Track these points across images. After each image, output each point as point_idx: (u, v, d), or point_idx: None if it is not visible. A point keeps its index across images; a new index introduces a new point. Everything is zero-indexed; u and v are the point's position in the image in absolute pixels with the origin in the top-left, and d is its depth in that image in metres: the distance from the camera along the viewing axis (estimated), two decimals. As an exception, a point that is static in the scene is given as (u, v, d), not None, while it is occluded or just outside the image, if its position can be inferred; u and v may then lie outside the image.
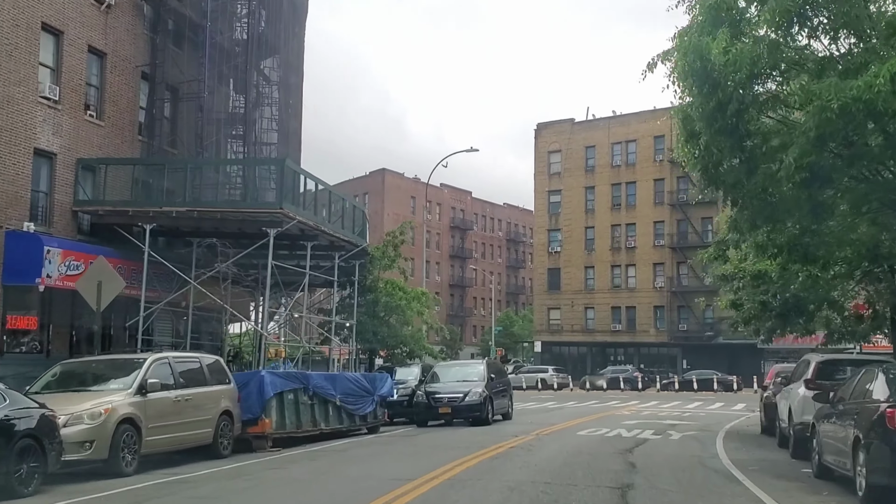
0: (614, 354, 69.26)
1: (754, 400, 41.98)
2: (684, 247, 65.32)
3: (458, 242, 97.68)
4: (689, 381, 53.48)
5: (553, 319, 72.12)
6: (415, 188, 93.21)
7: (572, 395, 49.11)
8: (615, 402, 40.13)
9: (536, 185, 73.53)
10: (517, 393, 54.31)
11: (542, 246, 73.12)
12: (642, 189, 68.10)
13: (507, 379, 27.19)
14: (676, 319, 65.92)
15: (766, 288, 20.51)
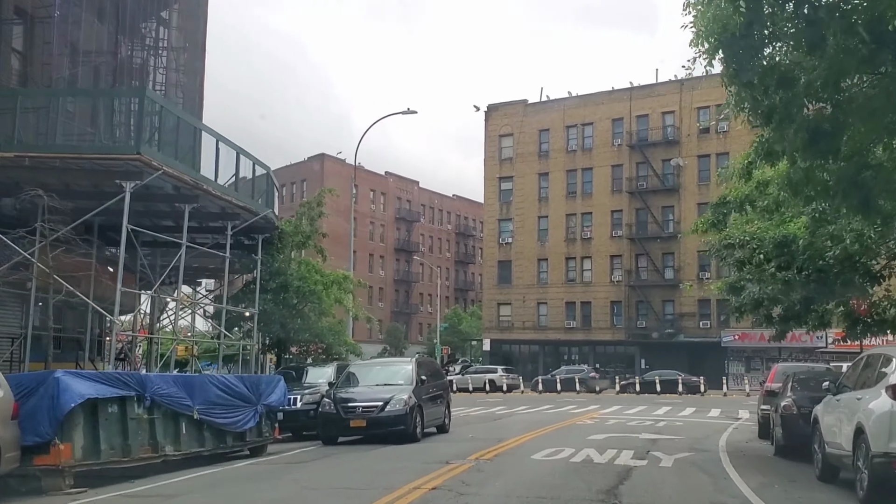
0: (568, 353, 64.36)
1: (728, 404, 37.36)
2: (644, 238, 60.69)
3: (404, 235, 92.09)
4: (652, 382, 48.66)
5: (503, 316, 66.95)
6: (358, 177, 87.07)
7: (523, 399, 43.87)
8: (572, 406, 34.98)
9: (486, 172, 68.30)
10: (463, 396, 49.14)
11: (492, 237, 67.91)
12: (599, 176, 63.32)
13: (444, 382, 21.75)
14: (635, 316, 61.29)
15: (788, 260, 15.31)
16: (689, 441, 18.42)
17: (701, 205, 58.95)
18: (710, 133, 59.28)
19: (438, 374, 21.28)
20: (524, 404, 37.25)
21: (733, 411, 32.08)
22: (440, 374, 21.55)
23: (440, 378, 21.30)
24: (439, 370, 21.68)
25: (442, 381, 21.30)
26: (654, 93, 61.40)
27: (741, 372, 56.84)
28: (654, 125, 61.14)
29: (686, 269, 59.36)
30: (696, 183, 59.45)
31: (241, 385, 15.57)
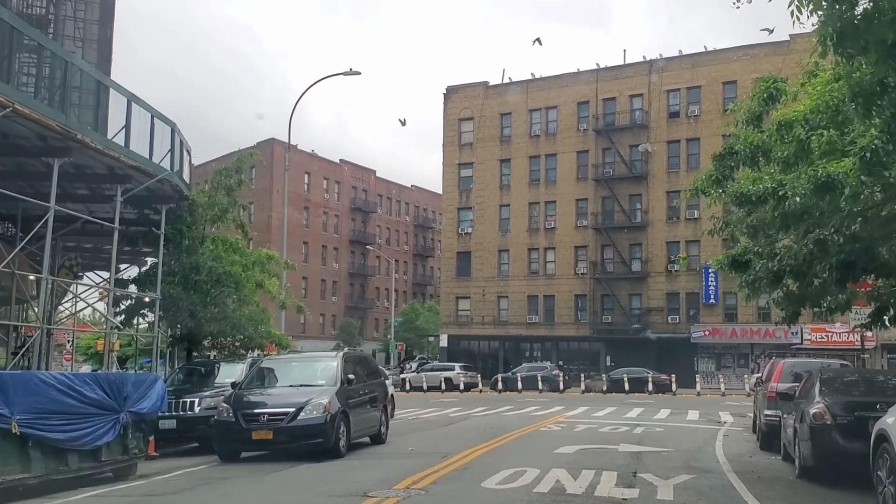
0: (530, 350, 60.90)
1: (705, 405, 34.00)
2: (610, 228, 57.42)
3: (360, 226, 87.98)
4: (619, 380, 45.34)
5: (462, 310, 63.28)
6: (310, 163, 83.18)
7: (481, 399, 40.22)
8: (534, 407, 31.40)
9: (445, 157, 64.53)
10: (417, 396, 45.30)
11: (450, 226, 64.17)
12: (564, 162, 59.91)
13: (380, 382, 17.91)
14: (600, 310, 58.01)
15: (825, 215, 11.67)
16: (680, 456, 14.84)
17: (670, 193, 55.96)
18: (680, 117, 56.20)
19: (374, 373, 17.44)
20: (482, 405, 33.62)
21: (712, 413, 28.76)
22: (376, 372, 17.72)
23: (375, 377, 17.45)
24: (375, 368, 17.86)
25: (378, 382, 17.45)
26: (622, 74, 58.15)
27: (711, 369, 53.86)
28: (622, 109, 57.89)
29: (654, 260, 56.22)
30: (664, 170, 56.32)
31: (95, 387, 11.57)
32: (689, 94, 55.99)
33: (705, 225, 53.72)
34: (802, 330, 50.52)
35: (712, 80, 55.04)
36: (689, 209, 55.31)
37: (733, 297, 53.59)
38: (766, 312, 52.78)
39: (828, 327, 49.74)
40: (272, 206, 78.07)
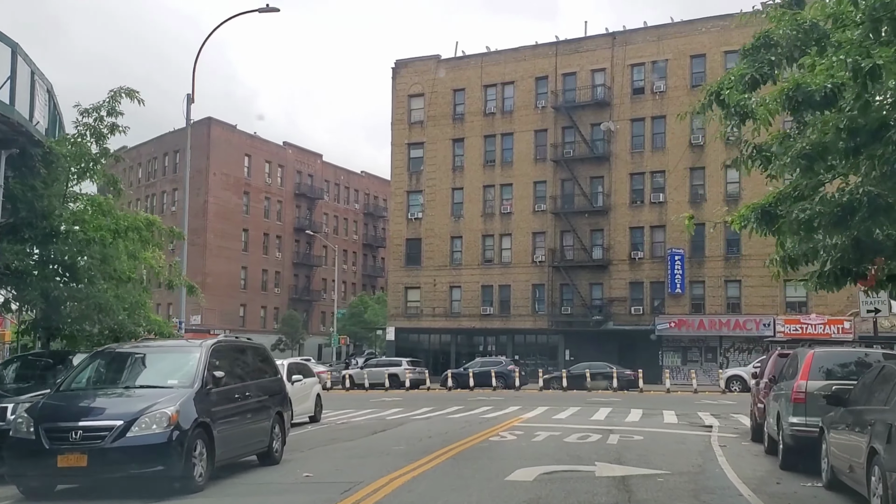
0: (484, 344, 56.74)
1: (679, 405, 29.77)
2: (570, 212, 53.46)
3: (305, 213, 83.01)
4: (581, 376, 41.38)
5: (411, 301, 58.87)
6: (251, 145, 78.04)
7: (428, 397, 35.89)
8: (486, 408, 27.17)
9: (394, 137, 59.99)
10: (357, 395, 40.77)
11: (399, 211, 59.65)
12: (521, 142, 55.80)
13: (274, 381, 13.27)
14: (559, 301, 54.05)
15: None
16: (682, 482, 10.63)
17: (634, 175, 52.25)
18: (645, 94, 52.41)
19: (263, 369, 12.84)
20: (427, 405, 29.30)
21: (691, 414, 24.81)
22: (267, 368, 13.13)
23: (267, 374, 12.91)
24: (266, 363, 13.26)
25: (270, 381, 12.87)
26: (583, 48, 54.18)
27: (677, 364, 50.24)
28: (583, 84, 53.94)
29: (616, 247, 52.41)
30: (628, 150, 52.50)
31: None
32: (654, 68, 52.22)
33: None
34: (775, 321, 47.15)
35: (679, 53, 51.34)
36: (654, 191, 51.61)
37: (700, 287, 50.08)
38: (735, 303, 49.39)
39: (802, 318, 46.49)
40: (209, 189, 72.92)
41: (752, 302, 48.62)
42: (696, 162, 50.51)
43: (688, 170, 50.71)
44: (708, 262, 49.87)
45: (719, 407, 28.38)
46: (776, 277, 12.09)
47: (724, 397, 34.99)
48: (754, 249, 48.44)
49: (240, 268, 76.18)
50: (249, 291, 77.16)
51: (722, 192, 49.84)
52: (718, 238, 49.57)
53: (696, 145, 50.44)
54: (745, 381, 39.83)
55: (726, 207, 49.05)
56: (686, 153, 50.69)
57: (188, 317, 74.99)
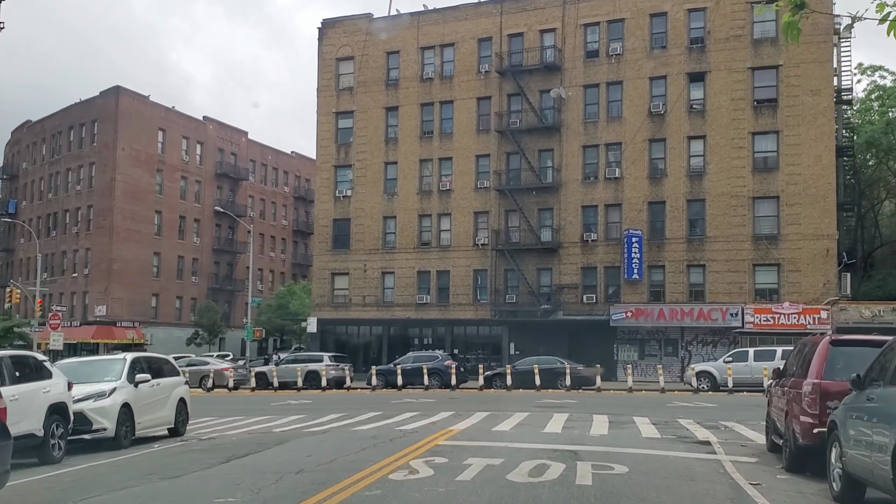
0: (420, 336, 50.76)
1: (649, 408, 24.11)
2: (516, 190, 47.74)
3: (228, 195, 75.89)
4: (528, 373, 35.66)
5: (339, 289, 52.56)
6: (165, 118, 70.67)
7: (346, 400, 29.78)
8: (409, 414, 21.24)
9: (320, 105, 53.54)
10: (264, 396, 34.30)
11: (325, 188, 53.23)
12: (462, 111, 49.89)
13: None
14: (503, 288, 48.33)
15: None
16: None
17: (587, 147, 46.77)
18: (600, 57, 46.90)
19: None
20: (339, 411, 23.24)
21: (671, 422, 19.26)
22: None
23: None
24: None
25: None
26: (531, 5, 48.43)
27: (634, 358, 44.92)
28: (531, 46, 48.21)
29: (567, 228, 46.86)
30: (580, 120, 46.96)
31: None
32: (609, 28, 46.72)
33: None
34: (744, 311, 42.12)
35: (638, 11, 45.92)
36: (609, 166, 46.16)
37: (660, 272, 44.84)
38: (699, 290, 44.27)
39: (774, 307, 41.50)
40: (116, 166, 65.50)
41: (717, 289, 43.52)
42: (655, 133, 45.21)
43: (647, 142, 45.40)
44: (668, 245, 44.64)
45: (699, 411, 22.85)
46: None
47: (696, 397, 29.56)
48: (720, 230, 43.42)
49: (152, 254, 68.90)
50: (163, 280, 69.89)
51: (684, 165, 44.64)
52: (680, 217, 44.43)
53: (657, 114, 45.14)
54: (714, 378, 34.75)
55: (689, 184, 43.96)
56: (645, 123, 45.37)
57: (92, 307, 67.68)
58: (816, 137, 42.26)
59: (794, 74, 42.74)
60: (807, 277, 41.93)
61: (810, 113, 42.45)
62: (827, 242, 41.80)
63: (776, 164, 42.93)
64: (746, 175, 43.25)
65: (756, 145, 43.53)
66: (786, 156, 42.67)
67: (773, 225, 42.93)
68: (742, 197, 43.25)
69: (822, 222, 41.92)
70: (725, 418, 20.60)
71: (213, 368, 38.83)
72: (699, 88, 44.68)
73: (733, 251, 43.19)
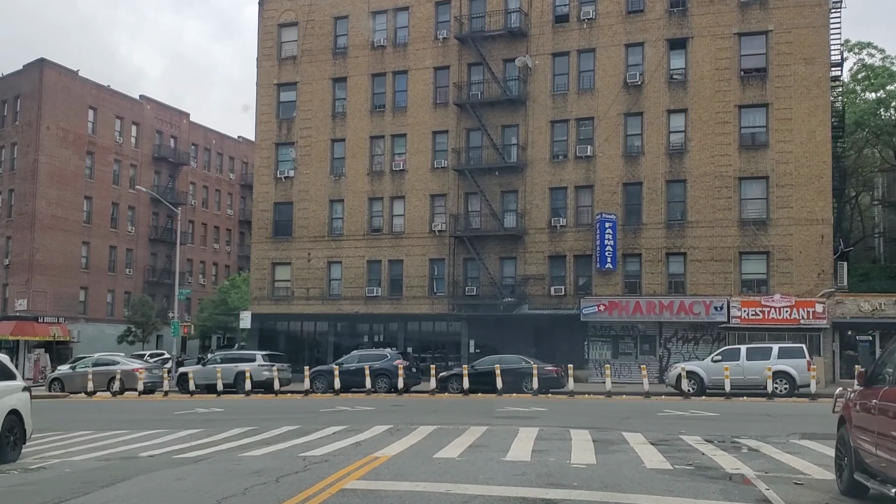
0: (370, 333, 45.73)
1: (637, 417, 18.77)
2: (477, 170, 42.90)
3: (166, 181, 70.03)
4: (488, 374, 30.82)
5: (280, 281, 47.30)
6: (97, 96, 64.63)
7: (267, 408, 24.62)
8: (333, 430, 16.22)
9: (260, 76, 48.22)
10: (170, 404, 27.25)
11: (265, 169, 47.92)
12: (417, 82, 44.91)
13: None
14: (462, 279, 43.47)
15: None
16: None
17: (556, 123, 42.06)
18: (570, 22, 42.19)
19: None
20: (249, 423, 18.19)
21: (674, 441, 14.58)
22: None
23: None
24: None
25: None
26: (495, -35, 43.62)
27: (606, 357, 40.36)
28: (493, 9, 43.35)
29: (534, 212, 42.13)
30: (548, 93, 42.24)
31: None
32: (584, -11, 42.03)
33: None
34: (730, 304, 37.71)
35: (613, -29, 41.33)
36: (580, 143, 41.52)
37: (636, 262, 40.30)
38: (679, 281, 39.79)
39: (764, 300, 37.11)
40: (39, 147, 59.35)
41: (699, 280, 39.07)
42: (631, 106, 40.63)
43: (622, 116, 40.81)
44: (645, 231, 40.09)
45: (701, 423, 18.16)
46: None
47: (689, 403, 24.89)
48: (703, 215, 38.99)
49: (80, 243, 62.86)
50: (93, 272, 63.88)
51: (664, 142, 40.11)
52: (658, 200, 39.91)
53: (633, 85, 40.58)
54: (701, 380, 30.29)
55: (668, 163, 39.45)
56: (620, 95, 40.78)
57: (12, 301, 61.50)
58: (810, 111, 37.98)
59: (786, 41, 38.44)
60: (799, 267, 37.62)
61: (803, 84, 38.16)
62: (821, 228, 37.54)
63: (765, 141, 38.60)
64: (732, 153, 38.86)
65: (743, 120, 39.14)
66: (776, 131, 38.35)
67: (761, 208, 38.58)
68: (727, 177, 38.86)
69: (815, 205, 37.65)
70: (738, 433, 16.00)
71: (121, 369, 33.33)
72: (680, 56, 40.18)
73: (717, 238, 38.76)
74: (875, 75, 50.35)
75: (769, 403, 24.64)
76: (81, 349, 55.87)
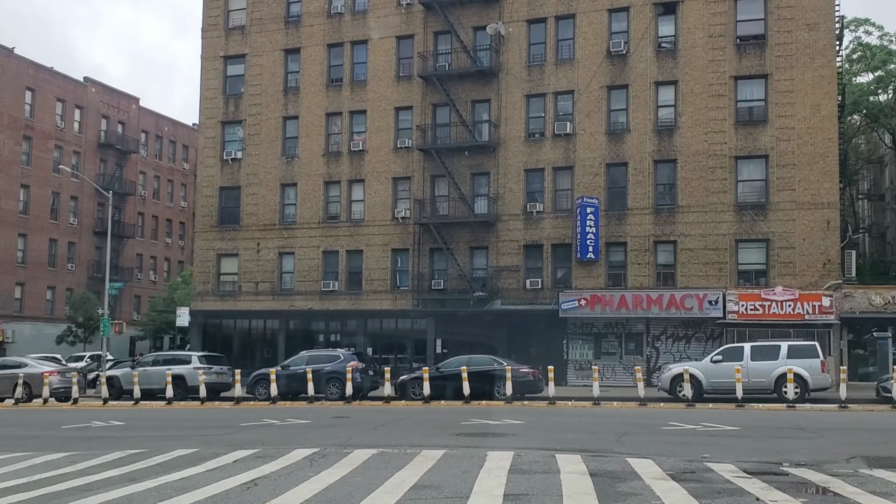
0: (326, 331, 41.30)
1: (638, 435, 13.76)
2: (444, 150, 38.65)
3: (113, 170, 65.01)
4: (454, 377, 26.52)
5: (226, 274, 42.70)
6: (36, 77, 59.53)
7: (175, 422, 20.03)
8: (240, 456, 11.71)
9: (205, 49, 43.62)
10: (69, 415, 20.92)
11: (211, 150, 43.30)
12: (378, 52, 40.56)
13: None
14: (428, 272, 39.17)
15: None
16: None
17: (532, 97, 37.95)
18: (548, -15, 38.05)
19: None
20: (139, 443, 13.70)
21: (697, 470, 10.25)
22: None
23: None
24: None
25: None
26: (464, -77, 39.34)
27: (587, 357, 36.31)
28: (463, -28, 39.18)
29: (508, 196, 37.95)
30: (523, 64, 38.08)
31: None
32: (560, -50, 37.90)
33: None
34: (725, 297, 33.72)
35: (595, -71, 37.22)
36: (558, 119, 37.39)
37: (620, 251, 36.26)
38: (669, 272, 35.77)
39: (764, 293, 33.15)
40: (-32, 131, 54.01)
41: (691, 271, 35.07)
42: (616, 78, 36.57)
43: (605, 89, 36.73)
44: (631, 217, 36.03)
45: (723, 442, 13.96)
46: None
47: (696, 413, 20.68)
48: (695, 198, 35.02)
49: (16, 235, 57.79)
50: (31, 267, 58.80)
51: (651, 118, 36.07)
52: (645, 182, 35.88)
53: (617, 55, 36.52)
54: (699, 383, 26.37)
55: (656, 141, 35.44)
56: (603, 66, 36.71)
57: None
58: (814, 82, 34.11)
59: (786, 5, 34.56)
60: (803, 256, 33.73)
61: (806, 52, 34.29)
62: (827, 212, 33.67)
63: (764, 116, 34.68)
64: (728, 129, 34.90)
65: (739, 92, 35.19)
66: (776, 105, 34.44)
67: (760, 191, 34.67)
68: (722, 157, 34.90)
69: (820, 187, 33.77)
70: (778, 457, 11.95)
71: (24, 373, 28.54)
72: (669, 23, 36.15)
73: (711, 224, 34.78)
74: (872, 55, 46.85)
75: (792, 412, 20.57)
76: (17, 350, 50.89)
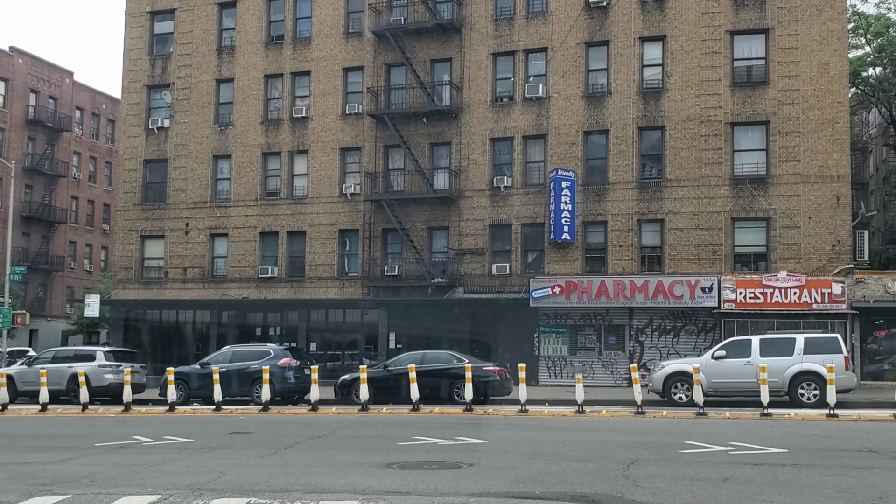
0: (264, 324, 36.32)
1: (639, 461, 10.43)
2: (400, 116, 33.91)
3: (43, 149, 59.24)
4: (405, 377, 21.69)
5: (150, 259, 37.53)
6: (-52, 42, 53.19)
7: (27, 438, 14.94)
8: (65, 497, 6.70)
9: (129, 4, 38.36)
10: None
11: (134, 118, 38.05)
12: (324, 6, 35.65)
13: None
14: (381, 256, 34.33)
15: None
16: None
17: (499, 56, 33.24)
18: (519, -72, 33.31)
19: None
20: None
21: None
22: None
23: None
24: None
25: None
26: None
27: (561, 352, 31.77)
28: (422, -88, 34.28)
29: (472, 169, 33.23)
30: (489, 17, 33.37)
31: None
32: None
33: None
34: (721, 283, 29.26)
35: None
36: (529, 81, 32.71)
37: (600, 231, 31.67)
38: (655, 255, 31.24)
39: (765, 278, 28.69)
40: None
41: (681, 254, 30.58)
42: (595, 33, 31.97)
43: (582, 46, 32.12)
44: (613, 192, 31.46)
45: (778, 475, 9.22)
46: None
47: (711, 424, 15.97)
48: (685, 170, 30.52)
49: (-72, 219, 51.89)
50: (-56, 254, 52.79)
51: (635, 79, 31.51)
52: (628, 153, 31.32)
53: (596, 6, 31.93)
54: (691, 382, 21.69)
55: (641, 105, 30.88)
56: (580, 20, 32.08)
57: None
58: (822, 37, 29.77)
59: (791, -51, 30.18)
60: (809, 237, 29.38)
61: (813, 3, 29.95)
62: (837, 187, 29.35)
63: (764, 77, 30.27)
64: (723, 91, 30.46)
65: (736, 50, 30.77)
66: (779, 64, 30.04)
67: (760, 162, 30.27)
68: (716, 123, 30.46)
69: (829, 158, 29.44)
70: (878, 502, 7.04)
71: None
72: (657, -30, 31.63)
73: (704, 200, 30.34)
74: (868, 24, 42.80)
75: (838, 424, 15.97)
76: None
